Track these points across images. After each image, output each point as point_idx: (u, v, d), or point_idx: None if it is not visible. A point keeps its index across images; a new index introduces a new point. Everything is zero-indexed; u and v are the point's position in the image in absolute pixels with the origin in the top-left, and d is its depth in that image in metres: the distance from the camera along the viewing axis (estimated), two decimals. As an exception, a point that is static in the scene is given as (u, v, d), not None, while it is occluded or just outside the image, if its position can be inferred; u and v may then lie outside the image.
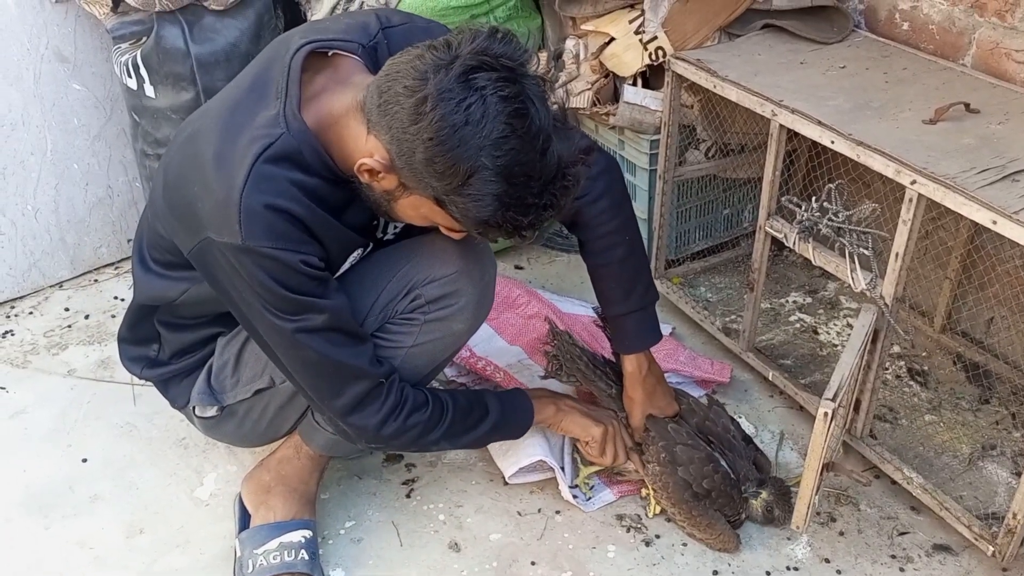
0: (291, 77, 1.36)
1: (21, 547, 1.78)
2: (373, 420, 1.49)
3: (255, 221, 1.30)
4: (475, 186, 1.23)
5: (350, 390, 1.47)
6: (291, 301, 1.37)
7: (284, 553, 1.66)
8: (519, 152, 1.23)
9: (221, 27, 2.14)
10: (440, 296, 1.54)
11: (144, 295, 1.62)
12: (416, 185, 1.29)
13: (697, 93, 2.16)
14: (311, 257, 1.36)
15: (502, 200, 1.24)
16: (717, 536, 1.74)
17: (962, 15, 2.00)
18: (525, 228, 1.29)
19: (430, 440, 1.58)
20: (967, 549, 1.75)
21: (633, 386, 1.81)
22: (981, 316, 2.10)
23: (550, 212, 1.29)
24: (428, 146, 1.22)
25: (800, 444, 1.98)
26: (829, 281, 2.40)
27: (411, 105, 1.22)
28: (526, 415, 1.72)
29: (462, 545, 1.77)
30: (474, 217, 1.27)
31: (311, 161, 1.35)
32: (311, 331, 1.40)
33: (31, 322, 2.39)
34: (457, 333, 1.59)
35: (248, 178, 1.29)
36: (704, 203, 2.42)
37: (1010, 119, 1.75)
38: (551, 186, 1.27)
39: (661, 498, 1.78)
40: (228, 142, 1.34)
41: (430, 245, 1.55)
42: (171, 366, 1.69)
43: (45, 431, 2.04)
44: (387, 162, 1.29)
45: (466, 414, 1.61)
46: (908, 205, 1.61)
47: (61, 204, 2.44)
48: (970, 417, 1.98)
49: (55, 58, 2.30)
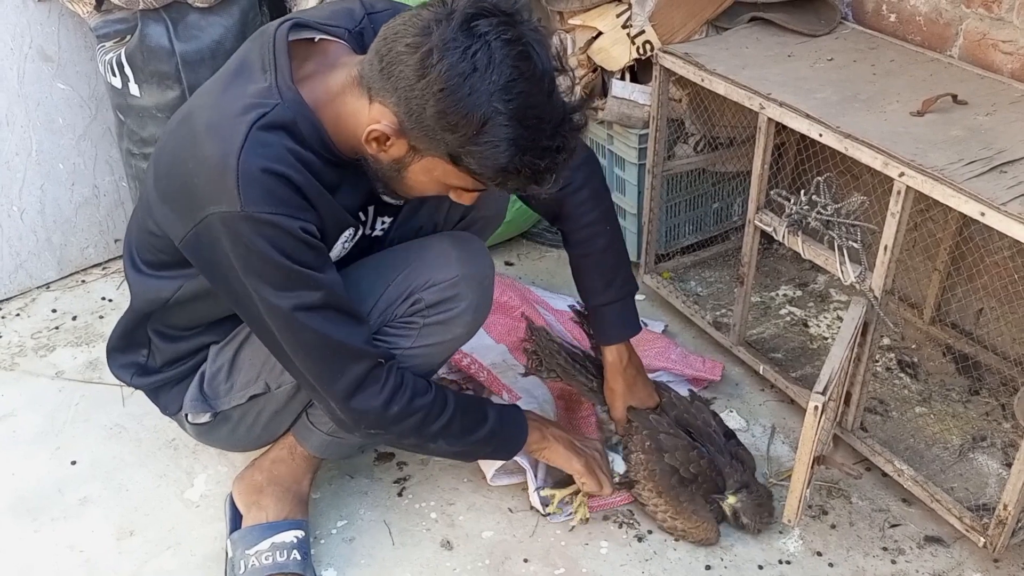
0: (277, 48, 1.35)
1: (10, 551, 1.77)
2: (376, 401, 1.46)
3: (253, 185, 1.28)
4: (490, 133, 1.23)
5: (350, 371, 1.44)
6: (290, 272, 1.34)
7: (276, 553, 1.66)
8: (528, 95, 1.23)
9: (206, 25, 2.13)
10: (440, 300, 1.53)
11: (140, 299, 1.60)
12: (428, 145, 1.28)
13: (685, 87, 2.15)
14: (309, 225, 1.34)
15: (518, 144, 1.24)
16: (700, 526, 1.72)
17: (949, 6, 2.00)
18: (543, 172, 1.29)
19: (430, 432, 1.54)
20: (958, 540, 1.75)
21: (614, 377, 1.81)
22: (970, 307, 2.11)
23: (564, 155, 1.29)
24: (439, 98, 1.21)
25: (791, 437, 1.99)
26: (819, 274, 2.40)
27: (416, 61, 1.22)
28: (521, 432, 1.69)
29: (454, 543, 1.77)
30: (492, 166, 1.26)
31: (307, 134, 1.34)
32: (309, 308, 1.38)
33: (18, 324, 2.37)
34: (456, 337, 1.58)
35: (245, 143, 1.28)
36: (693, 197, 2.42)
37: (997, 110, 1.75)
38: (562, 127, 1.27)
39: (646, 488, 1.76)
40: (221, 114, 1.33)
41: (429, 249, 1.55)
42: (162, 374, 1.67)
43: (33, 433, 2.03)
44: (396, 126, 1.28)
45: (466, 413, 1.59)
46: (896, 197, 1.61)
47: (47, 204, 2.42)
48: (960, 408, 1.99)
49: (39, 57, 2.28)
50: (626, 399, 1.81)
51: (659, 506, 1.75)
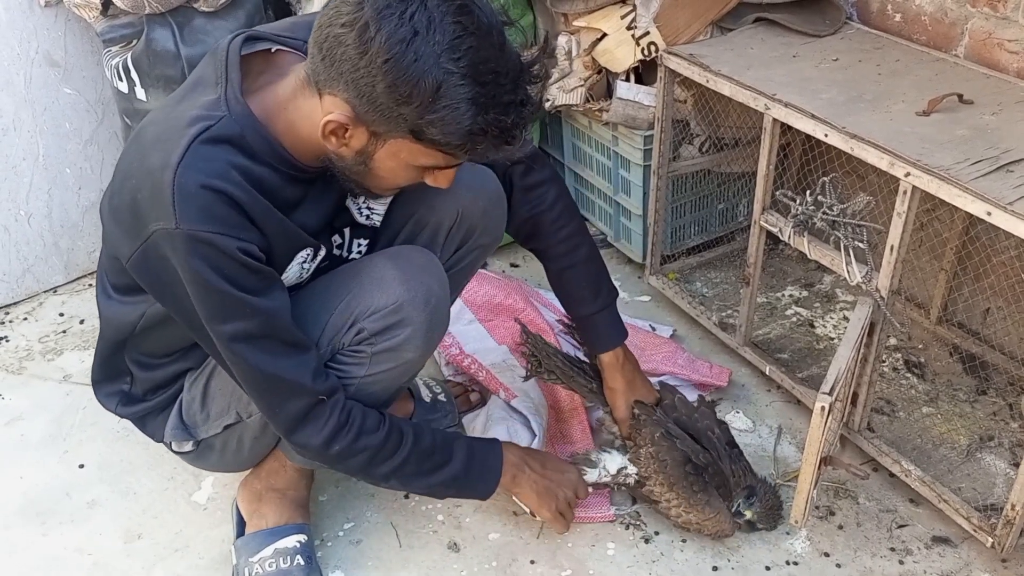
0: (230, 61, 1.30)
1: (19, 554, 1.78)
2: (316, 440, 1.42)
3: (189, 202, 1.22)
4: (446, 97, 1.16)
5: (288, 406, 1.39)
6: (224, 297, 1.28)
7: (280, 560, 1.66)
8: (478, 50, 1.17)
9: (211, 28, 2.13)
10: (384, 328, 1.45)
11: (109, 325, 1.55)
12: (387, 127, 1.22)
13: (690, 88, 2.15)
14: (250, 245, 1.28)
15: (477, 103, 1.18)
16: (714, 517, 1.70)
17: (954, 5, 1.99)
18: (511, 129, 1.22)
19: (380, 473, 1.50)
20: (966, 541, 1.74)
21: (613, 377, 1.80)
22: (977, 307, 2.10)
23: (529, 108, 1.24)
24: (386, 71, 1.15)
25: (798, 438, 1.98)
26: (825, 274, 2.40)
27: (354, 38, 1.16)
28: (492, 475, 1.63)
29: (461, 545, 1.77)
30: (456, 131, 1.19)
31: (257, 148, 1.29)
32: (245, 339, 1.32)
33: (26, 328, 2.38)
34: (410, 361, 1.50)
35: (183, 157, 1.22)
36: (699, 198, 2.42)
37: (1003, 110, 1.75)
38: (521, 79, 1.22)
39: (656, 483, 1.73)
40: (167, 126, 1.28)
41: (369, 273, 1.47)
42: (146, 402, 1.62)
43: (41, 437, 2.04)
44: (351, 113, 1.22)
45: (425, 456, 1.53)
46: (902, 197, 1.61)
47: (54, 209, 2.43)
48: (967, 408, 1.98)
49: (45, 62, 2.29)
50: (628, 396, 1.81)
51: (671, 500, 1.72)
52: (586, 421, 1.97)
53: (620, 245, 2.54)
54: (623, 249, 2.54)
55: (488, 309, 2.23)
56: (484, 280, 2.33)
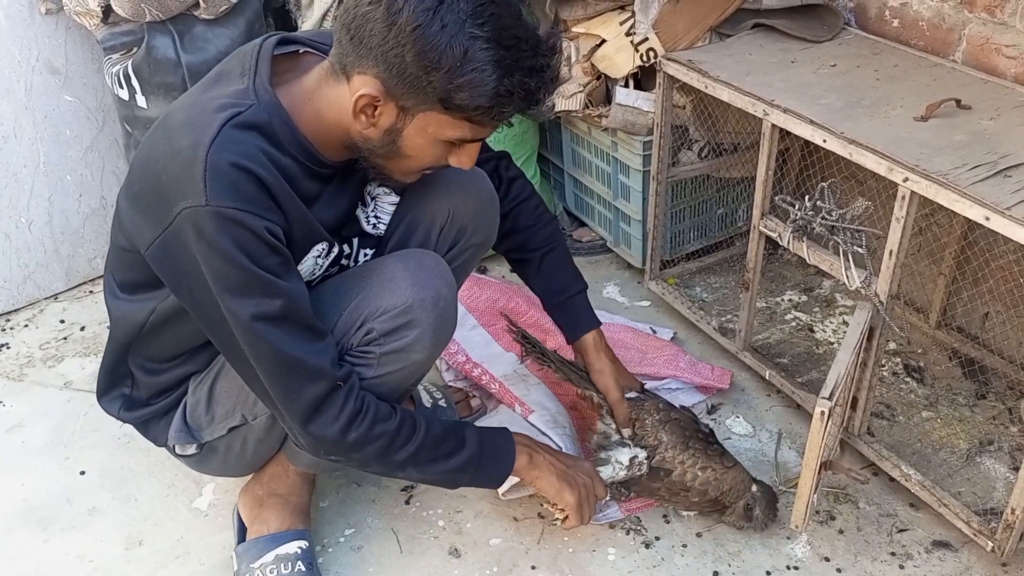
0: (261, 55, 1.35)
1: (20, 561, 1.78)
2: (333, 427, 1.41)
3: (220, 179, 1.25)
4: (473, 60, 1.22)
5: (307, 391, 1.39)
6: (249, 275, 1.30)
7: (281, 566, 1.66)
8: (499, 17, 1.24)
9: (212, 36, 2.14)
10: (393, 329, 1.46)
11: (118, 326, 1.56)
12: (416, 99, 1.27)
13: (689, 93, 2.16)
14: (275, 227, 1.31)
15: (503, 65, 1.24)
16: (733, 467, 1.72)
17: (952, 11, 2.00)
18: (535, 92, 1.28)
19: (396, 460, 1.49)
20: (966, 545, 1.75)
21: (599, 358, 1.81)
22: (976, 312, 2.11)
23: (550, 74, 1.30)
24: (414, 38, 1.21)
25: (798, 443, 1.99)
26: (824, 279, 2.40)
27: (383, 11, 1.22)
28: (506, 460, 1.62)
29: (462, 551, 1.77)
30: (484, 93, 1.24)
31: (283, 137, 1.33)
32: (267, 319, 1.33)
33: (27, 335, 2.38)
34: (417, 363, 1.51)
35: (216, 137, 1.26)
36: (698, 203, 2.43)
37: (1001, 115, 1.75)
38: (540, 47, 1.28)
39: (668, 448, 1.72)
40: (196, 112, 1.31)
41: (380, 274, 1.49)
42: (149, 407, 1.63)
43: (42, 444, 2.04)
44: (381, 87, 1.27)
45: (439, 441, 1.53)
46: (901, 202, 1.61)
47: (55, 216, 2.44)
48: (967, 413, 1.99)
49: (46, 70, 2.29)
50: (616, 376, 1.80)
51: (686, 462, 1.71)
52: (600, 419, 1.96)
53: (620, 250, 2.55)
54: (623, 254, 2.54)
55: (491, 314, 2.23)
56: (485, 285, 2.34)
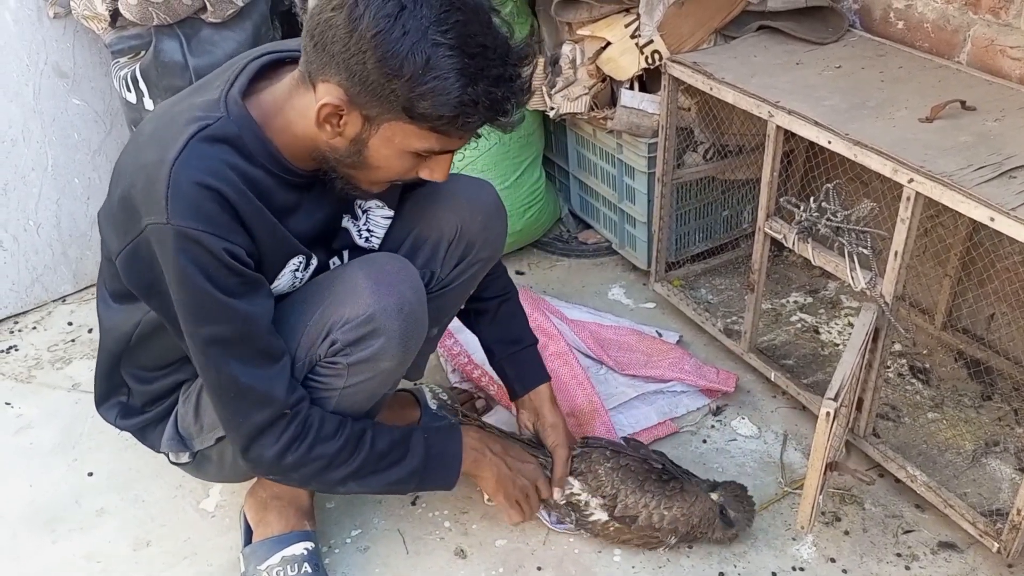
0: (245, 69, 1.33)
1: (29, 562, 1.79)
2: (270, 451, 1.42)
3: (181, 198, 1.23)
4: (436, 68, 1.18)
5: (252, 418, 1.39)
6: (204, 298, 1.28)
7: (287, 568, 1.66)
8: (465, 24, 1.19)
9: (219, 39, 2.15)
10: (357, 339, 1.43)
11: (107, 335, 1.56)
12: (380, 107, 1.23)
13: (694, 96, 2.17)
14: (236, 248, 1.28)
15: (466, 74, 1.19)
16: (695, 501, 1.69)
17: (956, 13, 2.00)
18: (501, 101, 1.24)
19: (335, 478, 1.49)
20: (972, 546, 1.75)
21: (554, 412, 1.78)
22: (982, 313, 2.10)
23: (519, 84, 1.26)
24: (375, 45, 1.17)
25: (803, 444, 1.99)
26: (829, 281, 2.40)
27: (344, 18, 1.18)
28: (453, 463, 1.61)
29: (468, 552, 1.78)
30: (447, 102, 1.20)
31: (253, 149, 1.30)
32: (221, 343, 1.33)
33: (35, 337, 2.39)
34: (387, 370, 1.48)
35: (180, 153, 1.24)
36: (703, 205, 2.43)
37: (1006, 116, 1.76)
38: (509, 56, 1.24)
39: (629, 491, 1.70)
40: (165, 123, 1.30)
41: (342, 283, 1.45)
42: (144, 415, 1.63)
43: (50, 445, 2.05)
44: (343, 96, 1.23)
45: (382, 456, 1.52)
46: (906, 203, 1.61)
47: (63, 219, 2.45)
48: (972, 414, 1.99)
49: (54, 73, 2.31)
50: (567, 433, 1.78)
51: (648, 505, 1.69)
52: (608, 421, 1.97)
53: (625, 252, 2.55)
54: (628, 256, 2.54)
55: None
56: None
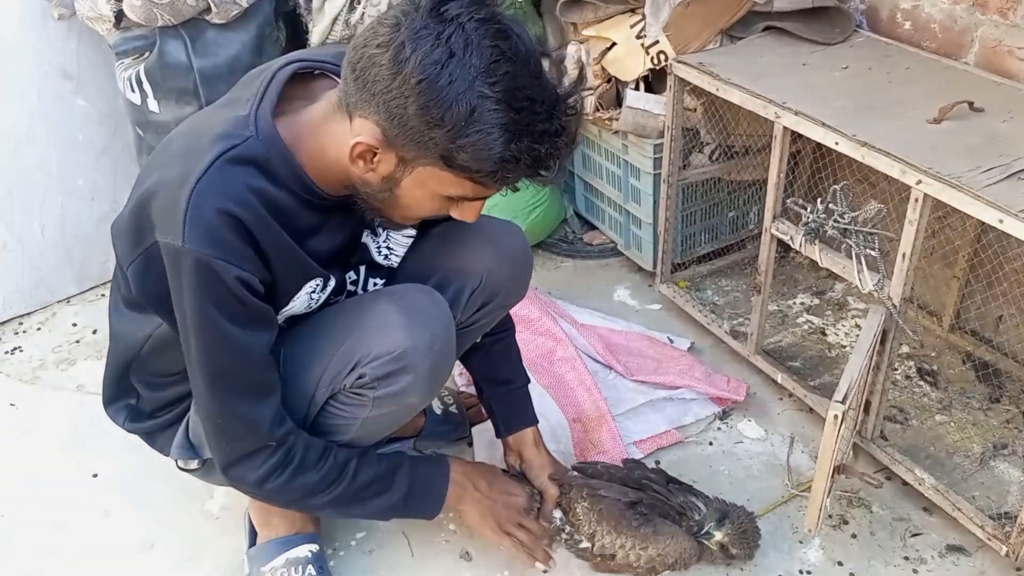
0: (273, 83, 1.30)
1: (33, 564, 1.79)
2: (251, 476, 1.42)
3: (199, 222, 1.21)
4: (479, 121, 1.13)
5: (236, 444, 1.40)
6: (209, 325, 1.28)
7: (292, 569, 1.66)
8: (514, 76, 1.14)
9: (223, 41, 2.14)
10: (386, 374, 1.41)
11: (117, 342, 1.54)
12: (417, 152, 1.19)
13: (700, 96, 2.16)
14: (249, 276, 1.26)
15: (511, 129, 1.14)
16: (671, 542, 1.65)
17: (964, 13, 1.99)
18: (544, 159, 1.19)
19: (314, 504, 1.50)
20: (980, 549, 1.74)
21: (540, 453, 1.78)
22: (990, 315, 2.10)
23: (564, 139, 1.20)
24: (419, 92, 1.12)
25: (811, 447, 1.98)
26: (836, 282, 2.39)
27: (389, 58, 1.13)
28: (436, 496, 1.62)
29: (473, 554, 1.77)
30: (488, 157, 1.16)
31: (279, 171, 1.27)
32: (216, 371, 1.33)
33: (39, 338, 2.39)
34: (412, 405, 1.49)
35: (204, 175, 1.22)
36: (709, 206, 2.43)
37: (1014, 117, 1.75)
38: (557, 109, 1.18)
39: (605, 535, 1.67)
40: (194, 139, 1.28)
41: (373, 316, 1.43)
42: (154, 420, 1.61)
43: (55, 447, 2.05)
44: (380, 136, 1.19)
45: (364, 487, 1.52)
46: (914, 205, 1.60)
47: (67, 220, 2.45)
48: (981, 416, 1.98)
49: (59, 75, 2.31)
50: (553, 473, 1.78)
51: (625, 545, 1.66)
52: (615, 428, 1.96)
53: (630, 253, 2.54)
54: (633, 257, 2.54)
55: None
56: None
